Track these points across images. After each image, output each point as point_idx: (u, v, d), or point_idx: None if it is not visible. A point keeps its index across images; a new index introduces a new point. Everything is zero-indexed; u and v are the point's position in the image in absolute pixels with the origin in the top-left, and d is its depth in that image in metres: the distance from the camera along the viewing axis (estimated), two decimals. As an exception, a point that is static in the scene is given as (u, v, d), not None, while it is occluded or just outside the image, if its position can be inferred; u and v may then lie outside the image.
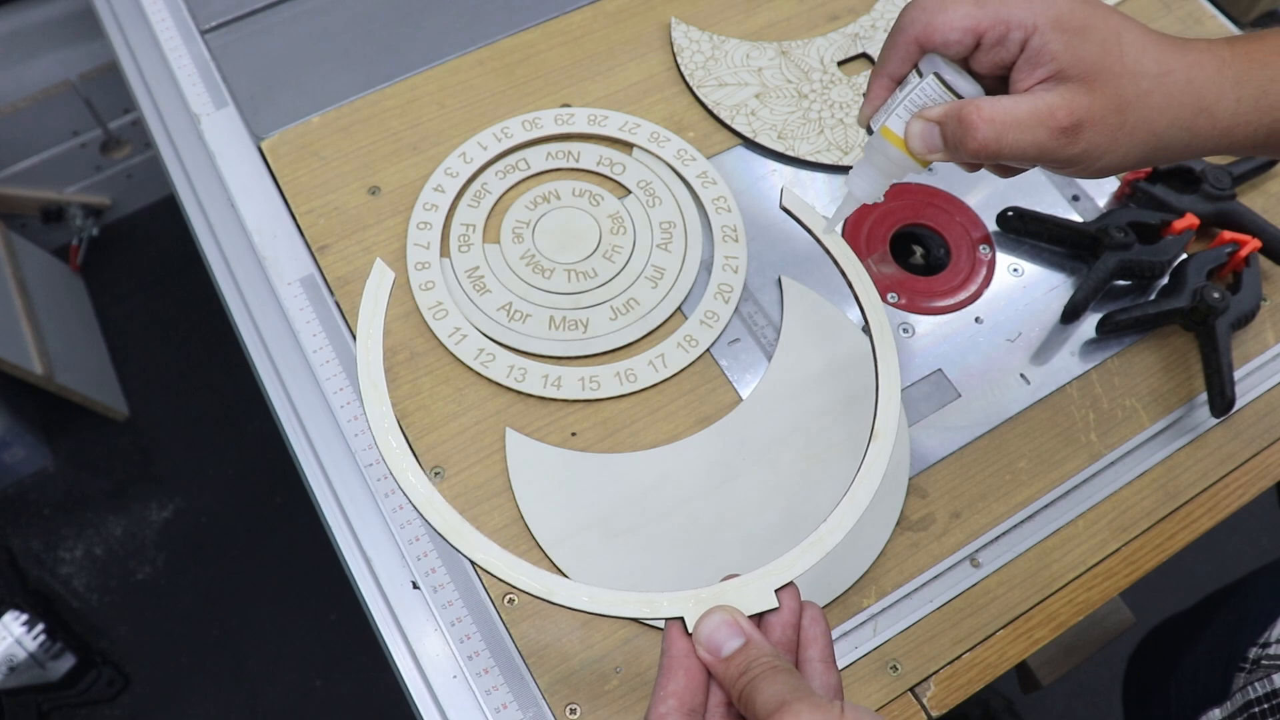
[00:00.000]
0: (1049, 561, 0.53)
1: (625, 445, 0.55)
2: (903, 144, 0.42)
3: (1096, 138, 0.38)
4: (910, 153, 0.42)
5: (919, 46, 0.41)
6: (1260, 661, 0.56)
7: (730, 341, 0.58)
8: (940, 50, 0.40)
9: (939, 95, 0.41)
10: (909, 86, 0.42)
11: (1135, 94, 0.38)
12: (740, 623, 0.36)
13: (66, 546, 1.27)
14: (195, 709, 1.18)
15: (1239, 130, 0.39)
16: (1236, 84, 0.38)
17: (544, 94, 0.66)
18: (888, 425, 0.45)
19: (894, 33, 0.41)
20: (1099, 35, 0.38)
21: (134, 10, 0.68)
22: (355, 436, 0.54)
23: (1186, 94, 0.38)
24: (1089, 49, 0.38)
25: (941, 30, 0.39)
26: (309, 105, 0.65)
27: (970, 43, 0.39)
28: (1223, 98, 0.38)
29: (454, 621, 0.49)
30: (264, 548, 1.26)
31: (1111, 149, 0.38)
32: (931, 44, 0.40)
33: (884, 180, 0.44)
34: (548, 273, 0.60)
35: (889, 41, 0.42)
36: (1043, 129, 0.37)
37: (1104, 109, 0.37)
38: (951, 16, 0.39)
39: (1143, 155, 0.39)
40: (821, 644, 0.37)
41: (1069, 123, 0.37)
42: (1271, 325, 0.61)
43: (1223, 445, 0.57)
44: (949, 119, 0.39)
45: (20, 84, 1.22)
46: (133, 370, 1.38)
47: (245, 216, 0.61)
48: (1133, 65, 0.38)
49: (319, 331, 0.57)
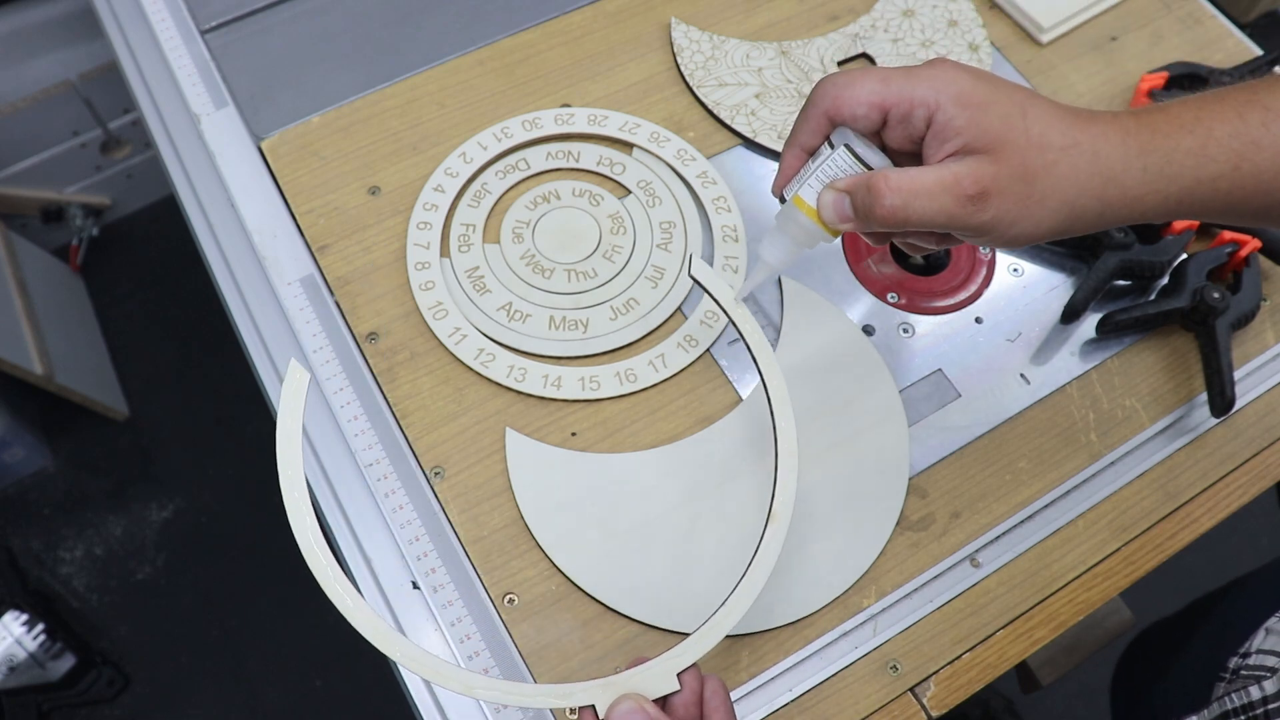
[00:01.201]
0: (1049, 561, 0.53)
1: (625, 445, 0.55)
2: (814, 213, 0.43)
3: (1004, 205, 0.39)
4: (821, 222, 0.43)
5: (829, 120, 0.43)
6: (1239, 672, 0.56)
7: (730, 341, 0.58)
8: (849, 124, 0.42)
9: (849, 167, 0.42)
10: (820, 158, 0.43)
11: (1041, 165, 0.39)
12: (646, 708, 0.39)
13: (66, 546, 1.27)
14: (195, 709, 1.18)
15: (1149, 199, 0.40)
16: (1141, 154, 0.40)
17: (544, 94, 0.66)
18: (784, 508, 0.46)
19: (806, 106, 0.43)
20: (1001, 110, 0.39)
21: (134, 10, 0.68)
22: (355, 437, 0.54)
23: (1094, 165, 0.39)
24: (992, 122, 0.39)
25: (849, 104, 0.41)
26: (309, 105, 0.65)
27: (877, 118, 0.41)
28: (1129, 167, 0.39)
29: (454, 621, 0.49)
30: (264, 548, 1.26)
31: (1023, 217, 0.39)
32: (841, 117, 0.42)
33: (795, 249, 0.46)
34: (548, 273, 0.60)
35: (801, 114, 0.44)
36: (949, 197, 0.39)
37: (1009, 177, 0.39)
38: (858, 92, 0.41)
39: (1057, 223, 0.40)
40: (722, 712, 0.41)
41: (975, 190, 0.38)
42: (1271, 325, 0.61)
43: (1223, 445, 0.57)
44: (858, 188, 0.41)
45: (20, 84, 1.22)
46: (133, 370, 1.38)
47: (245, 216, 0.61)
48: (1037, 138, 0.39)
49: (319, 331, 0.57)
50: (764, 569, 0.44)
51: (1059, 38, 0.71)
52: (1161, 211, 0.41)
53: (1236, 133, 0.40)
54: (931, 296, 0.61)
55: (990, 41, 0.70)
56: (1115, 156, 0.39)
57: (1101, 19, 0.72)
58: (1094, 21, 0.72)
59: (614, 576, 0.50)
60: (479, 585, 0.50)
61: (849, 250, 0.62)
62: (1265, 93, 0.41)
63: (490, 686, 0.40)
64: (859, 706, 0.49)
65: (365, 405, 0.55)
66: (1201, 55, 0.71)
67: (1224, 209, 0.41)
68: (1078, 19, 0.71)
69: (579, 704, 0.40)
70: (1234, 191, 0.40)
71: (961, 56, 0.69)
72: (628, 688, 0.40)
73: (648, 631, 0.50)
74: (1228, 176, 0.40)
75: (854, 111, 0.41)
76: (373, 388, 0.55)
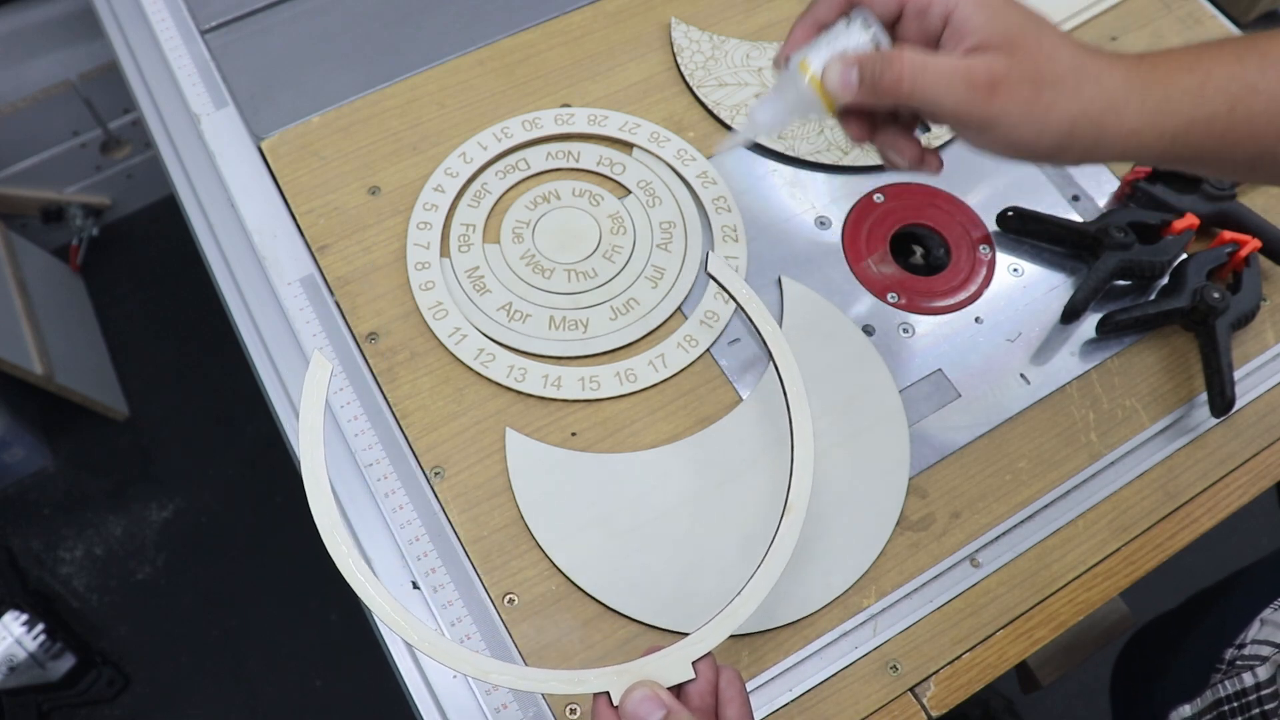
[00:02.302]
0: (1049, 561, 0.53)
1: (625, 445, 0.55)
2: (817, 82, 0.43)
3: (1011, 104, 0.40)
4: (822, 90, 0.43)
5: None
6: (1235, 662, 0.56)
7: (730, 341, 0.58)
8: (868, 5, 0.43)
9: (863, 44, 0.43)
10: (834, 30, 0.43)
11: (1051, 74, 0.40)
12: (661, 695, 0.39)
13: (66, 546, 1.27)
14: (195, 709, 1.18)
15: (1145, 134, 0.41)
16: (1142, 87, 0.40)
17: (544, 94, 0.66)
18: (801, 498, 0.46)
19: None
20: (1018, 16, 0.41)
21: (134, 10, 0.68)
22: (355, 437, 0.54)
23: (1097, 89, 0.40)
24: (1010, 24, 0.40)
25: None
26: (309, 105, 0.65)
27: (894, 7, 0.43)
28: (1130, 100, 0.40)
29: (454, 621, 0.49)
30: (264, 548, 1.26)
31: (1025, 120, 0.40)
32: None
33: (788, 114, 0.46)
34: (548, 273, 0.60)
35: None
36: (960, 81, 0.40)
37: (1020, 77, 0.40)
38: None
39: (1055, 139, 0.40)
40: (738, 703, 0.41)
41: (985, 80, 0.39)
42: (1271, 325, 0.61)
43: (1223, 445, 0.57)
44: (872, 60, 0.41)
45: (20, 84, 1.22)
46: (133, 370, 1.38)
47: (245, 216, 0.61)
48: (1049, 50, 0.40)
49: (319, 331, 0.57)
50: (780, 559, 0.44)
51: (1059, 38, 0.71)
52: (1155, 151, 0.41)
53: (1234, 75, 0.40)
54: (931, 296, 0.61)
55: (990, 41, 0.70)
56: (1117, 86, 0.40)
57: (1101, 19, 0.72)
58: (1094, 21, 0.72)
59: (614, 576, 0.50)
60: (479, 585, 0.50)
61: (849, 250, 0.62)
62: (1264, 40, 0.41)
63: (504, 671, 0.40)
64: (859, 706, 0.49)
65: (365, 405, 0.55)
66: (1201, 55, 0.71)
67: (1216, 153, 0.42)
68: (1078, 19, 0.71)
69: (594, 689, 0.40)
70: (1227, 134, 0.41)
71: (961, 56, 0.69)
72: (642, 675, 0.40)
73: (648, 631, 0.50)
74: (1223, 118, 0.40)
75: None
76: (373, 388, 0.55)
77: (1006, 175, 0.65)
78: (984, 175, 0.65)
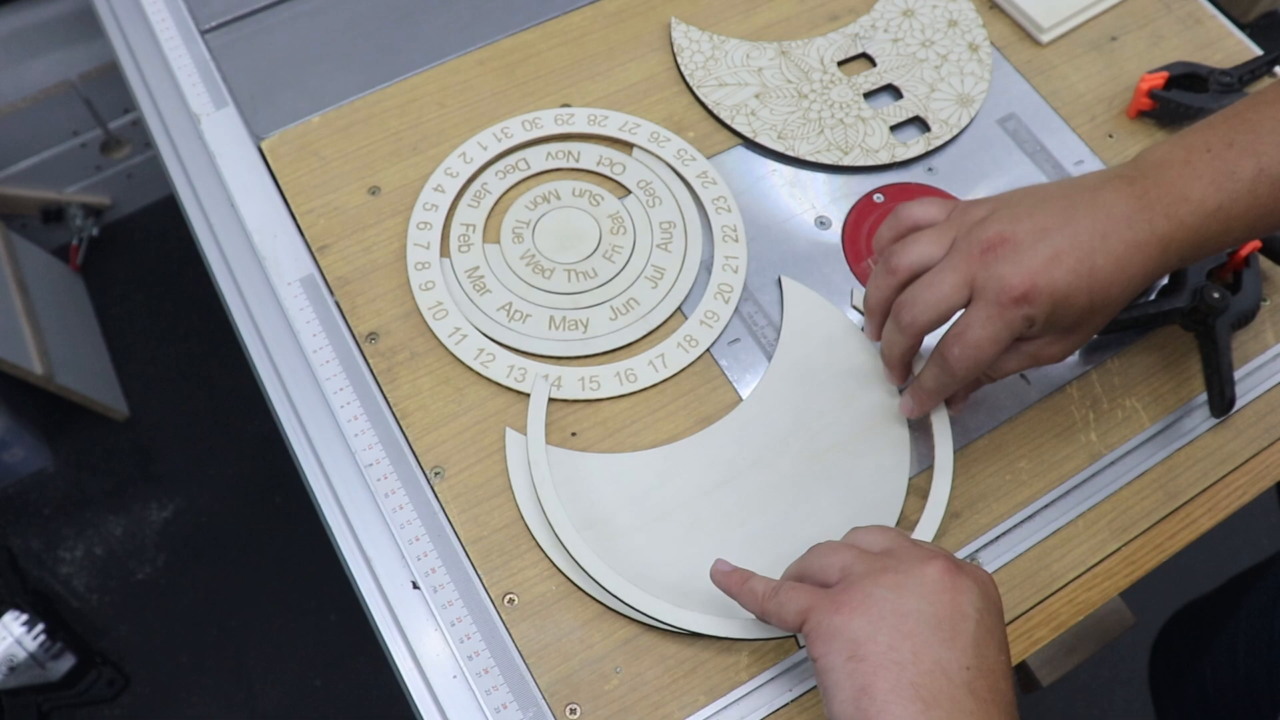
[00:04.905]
0: (1049, 562, 0.53)
1: (625, 445, 0.55)
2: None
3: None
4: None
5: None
6: None
7: (730, 341, 0.58)
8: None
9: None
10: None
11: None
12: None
13: (66, 546, 1.27)
14: (195, 709, 1.18)
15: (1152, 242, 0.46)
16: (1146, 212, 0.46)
17: (544, 94, 0.66)
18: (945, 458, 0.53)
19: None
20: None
21: (134, 10, 0.68)
22: (355, 436, 0.54)
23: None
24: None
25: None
26: (309, 105, 0.65)
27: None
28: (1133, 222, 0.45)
29: (454, 621, 0.49)
30: (264, 547, 1.26)
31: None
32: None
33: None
34: (548, 273, 0.60)
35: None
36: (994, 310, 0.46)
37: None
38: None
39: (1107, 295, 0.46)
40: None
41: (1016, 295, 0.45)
42: (1272, 325, 0.61)
43: (1223, 445, 0.57)
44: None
45: (20, 84, 1.22)
46: (133, 370, 1.38)
47: (245, 216, 0.61)
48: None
49: (319, 331, 0.57)
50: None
51: (1059, 38, 0.71)
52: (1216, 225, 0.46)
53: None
54: (931, 296, 0.61)
55: (990, 41, 0.70)
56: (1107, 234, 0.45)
57: (1101, 19, 0.72)
58: (1094, 21, 0.72)
59: (614, 577, 0.50)
60: (479, 585, 0.50)
61: (849, 250, 0.62)
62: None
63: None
64: (859, 706, 0.49)
65: (365, 405, 0.55)
66: (1202, 55, 0.71)
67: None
68: (1078, 19, 0.71)
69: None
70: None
71: (961, 56, 0.69)
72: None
73: (648, 632, 0.50)
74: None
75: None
76: (373, 388, 0.55)
77: (1006, 175, 0.65)
78: (984, 175, 0.65)
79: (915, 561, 0.40)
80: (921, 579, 0.39)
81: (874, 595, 0.39)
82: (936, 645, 0.38)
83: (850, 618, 0.39)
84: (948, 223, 0.48)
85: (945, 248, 0.47)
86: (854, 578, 0.41)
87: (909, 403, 0.53)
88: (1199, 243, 0.45)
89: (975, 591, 0.40)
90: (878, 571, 0.40)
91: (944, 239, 0.47)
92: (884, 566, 0.41)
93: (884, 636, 0.38)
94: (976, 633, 0.39)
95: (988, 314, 0.44)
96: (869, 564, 0.41)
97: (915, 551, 0.41)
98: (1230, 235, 0.45)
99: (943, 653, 0.37)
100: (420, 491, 0.52)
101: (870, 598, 0.39)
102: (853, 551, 0.43)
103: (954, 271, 0.45)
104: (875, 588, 0.40)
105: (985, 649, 0.39)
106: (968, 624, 0.39)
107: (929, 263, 0.47)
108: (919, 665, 0.37)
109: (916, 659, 0.37)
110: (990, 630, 0.39)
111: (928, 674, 0.37)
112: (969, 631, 0.38)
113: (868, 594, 0.39)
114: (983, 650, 0.38)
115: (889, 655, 0.37)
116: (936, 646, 0.38)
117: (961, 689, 0.37)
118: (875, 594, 0.39)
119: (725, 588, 0.46)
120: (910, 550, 0.42)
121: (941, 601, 0.39)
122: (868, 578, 0.40)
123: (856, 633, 0.38)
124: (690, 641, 0.50)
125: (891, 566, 0.40)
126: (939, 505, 0.52)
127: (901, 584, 0.39)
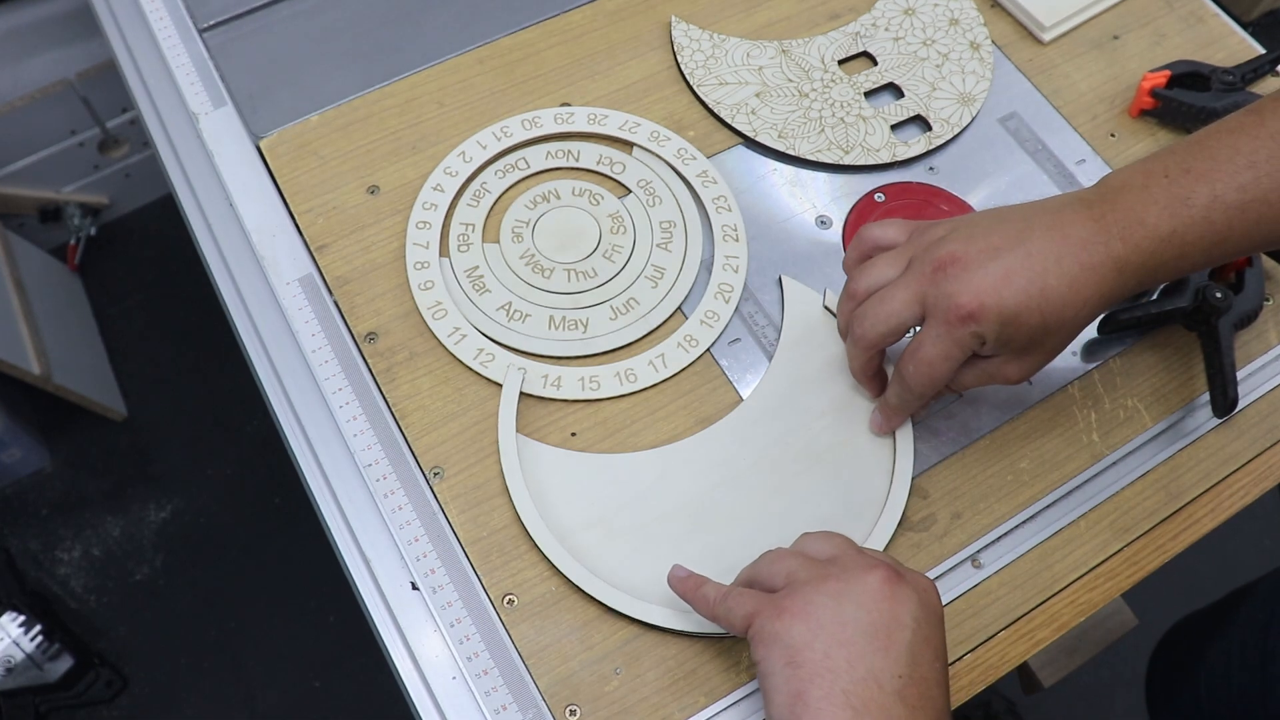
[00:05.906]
0: (1051, 562, 0.53)
1: (625, 445, 0.55)
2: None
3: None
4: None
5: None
6: None
7: (730, 341, 0.58)
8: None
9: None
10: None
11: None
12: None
13: (64, 547, 1.26)
14: (194, 710, 1.18)
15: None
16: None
17: (544, 93, 0.66)
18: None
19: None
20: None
21: (132, 9, 0.68)
22: (354, 437, 0.53)
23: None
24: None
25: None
26: (308, 104, 0.64)
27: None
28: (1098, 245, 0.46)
29: (453, 622, 0.49)
30: (263, 548, 1.26)
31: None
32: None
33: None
34: (547, 272, 0.60)
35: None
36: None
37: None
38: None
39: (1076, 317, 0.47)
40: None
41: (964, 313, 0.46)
42: (1274, 325, 0.61)
43: (1225, 446, 0.57)
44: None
45: (18, 83, 1.21)
46: (131, 370, 1.37)
47: (244, 216, 0.60)
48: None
49: (318, 331, 0.56)
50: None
51: (1060, 36, 0.71)
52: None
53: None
54: (933, 296, 0.61)
55: (991, 40, 0.70)
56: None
57: (1103, 17, 0.72)
58: (1095, 20, 0.72)
59: (614, 577, 0.50)
60: (478, 586, 0.50)
61: (850, 250, 0.62)
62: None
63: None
64: (860, 708, 0.49)
65: (364, 405, 0.54)
66: (1204, 54, 0.70)
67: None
68: (1079, 17, 0.71)
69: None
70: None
71: (963, 55, 0.69)
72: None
73: (648, 632, 0.50)
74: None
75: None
76: (372, 388, 0.55)
77: (1008, 174, 0.65)
78: (985, 174, 0.65)
79: (858, 570, 0.42)
80: (863, 587, 0.41)
81: (815, 602, 0.40)
82: (871, 654, 0.39)
83: (791, 624, 0.40)
84: (907, 244, 0.50)
85: (902, 268, 0.48)
86: (797, 584, 0.42)
87: (877, 418, 0.54)
88: (1155, 267, 0.45)
89: (914, 600, 0.41)
90: (820, 579, 0.42)
91: (901, 260, 0.49)
92: (827, 574, 0.42)
93: (821, 644, 0.39)
94: (912, 641, 0.40)
95: (938, 332, 0.46)
96: (813, 571, 0.42)
97: (859, 560, 0.43)
98: (1187, 260, 0.46)
99: (876, 661, 0.39)
100: (419, 492, 0.52)
101: (811, 604, 0.40)
102: (799, 559, 0.44)
103: (905, 289, 0.47)
104: (817, 595, 0.41)
105: (920, 657, 0.40)
106: (904, 633, 0.40)
107: (886, 283, 0.49)
108: (852, 673, 0.38)
109: (850, 667, 0.39)
110: (926, 639, 0.41)
111: (860, 682, 0.38)
112: (904, 640, 0.40)
113: (809, 601, 0.41)
114: (917, 658, 0.40)
115: (824, 663, 0.39)
116: (871, 655, 0.39)
117: (892, 696, 0.38)
118: (816, 601, 0.41)
119: (681, 593, 0.47)
120: (854, 558, 0.43)
121: (880, 610, 0.40)
122: (810, 585, 0.41)
123: (795, 639, 0.40)
124: (690, 643, 0.49)
125: (835, 574, 0.42)
126: (894, 514, 0.52)
127: (842, 592, 0.41)
